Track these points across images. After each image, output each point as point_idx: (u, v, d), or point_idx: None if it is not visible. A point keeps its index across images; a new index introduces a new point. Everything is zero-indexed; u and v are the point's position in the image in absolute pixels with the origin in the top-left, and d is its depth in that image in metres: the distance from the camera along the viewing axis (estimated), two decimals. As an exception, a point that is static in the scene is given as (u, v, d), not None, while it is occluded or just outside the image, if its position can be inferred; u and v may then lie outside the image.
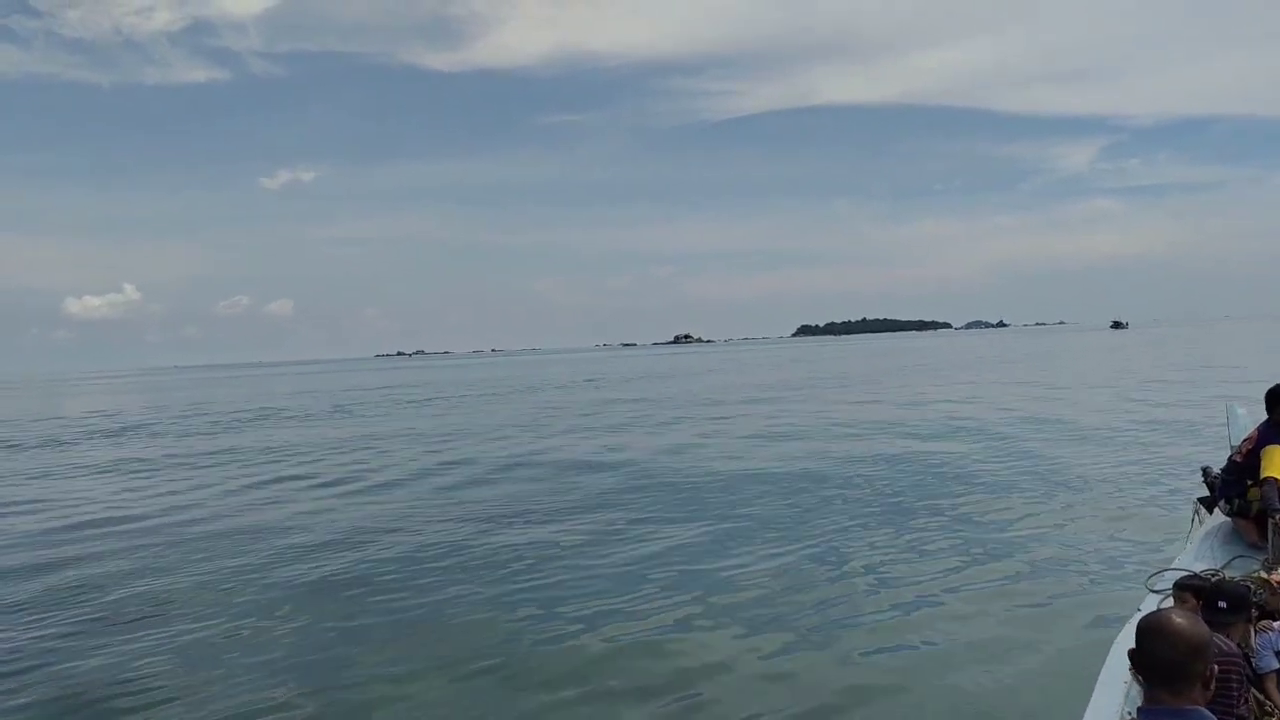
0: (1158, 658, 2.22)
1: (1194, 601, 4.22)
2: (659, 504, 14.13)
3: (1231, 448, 6.87)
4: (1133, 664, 2.34)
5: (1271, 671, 4.05)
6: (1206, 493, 7.05)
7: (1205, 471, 7.27)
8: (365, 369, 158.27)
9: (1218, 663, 2.45)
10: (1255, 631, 4.26)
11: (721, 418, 29.24)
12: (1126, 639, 3.05)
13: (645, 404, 37.67)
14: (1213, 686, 2.21)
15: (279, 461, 22.44)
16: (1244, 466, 6.18)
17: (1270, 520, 5.51)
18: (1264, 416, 6.32)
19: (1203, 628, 2.26)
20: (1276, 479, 5.72)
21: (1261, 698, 3.94)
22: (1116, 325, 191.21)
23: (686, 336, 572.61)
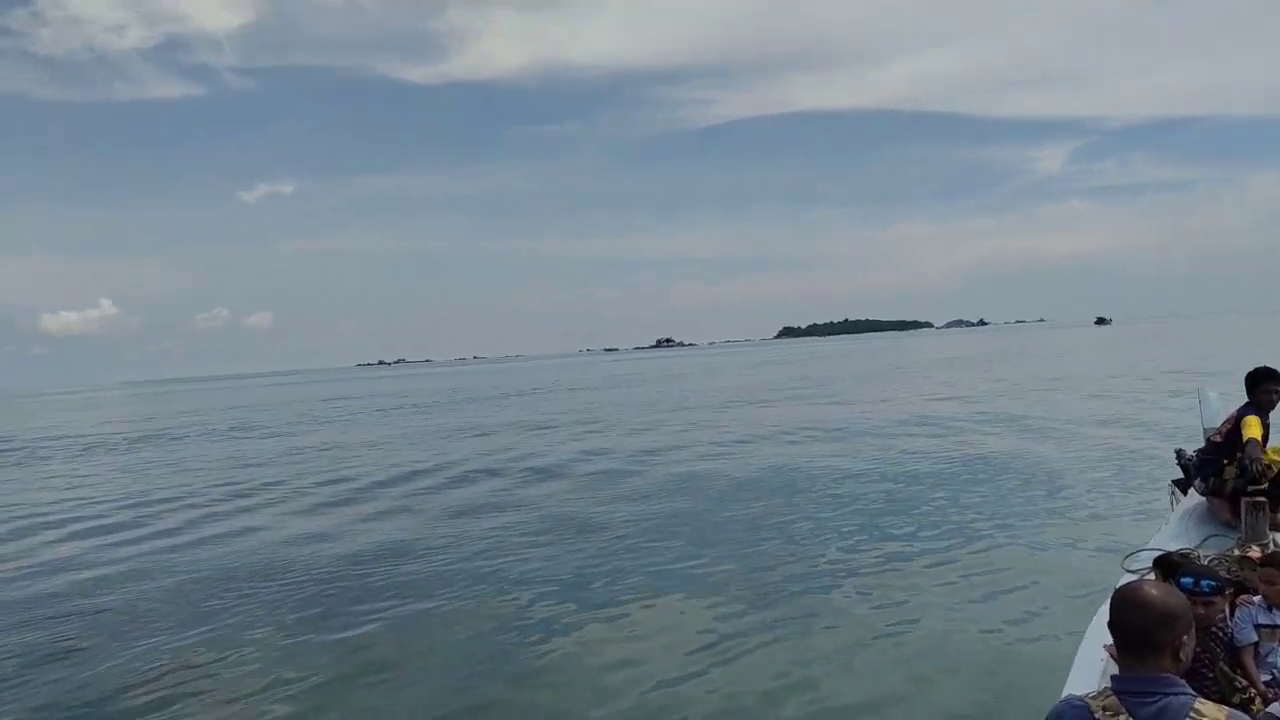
0: (1127, 625, 2.24)
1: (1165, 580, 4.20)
2: (632, 504, 14.06)
3: (1205, 430, 6.93)
4: (1111, 633, 2.36)
5: (1249, 645, 4.03)
6: (1181, 475, 7.09)
7: (1179, 454, 7.29)
8: (342, 379, 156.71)
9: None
10: (1234, 606, 4.26)
11: (690, 425, 29.11)
12: (1104, 615, 3.05)
13: (604, 408, 37.48)
14: (1183, 657, 2.18)
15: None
16: (1222, 445, 6.22)
17: (1243, 498, 5.53)
18: (1235, 401, 6.37)
19: (1175, 599, 2.24)
20: (1257, 439, 5.84)
21: (1230, 671, 3.93)
22: (1100, 321, 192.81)
23: (669, 340, 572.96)
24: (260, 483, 19.43)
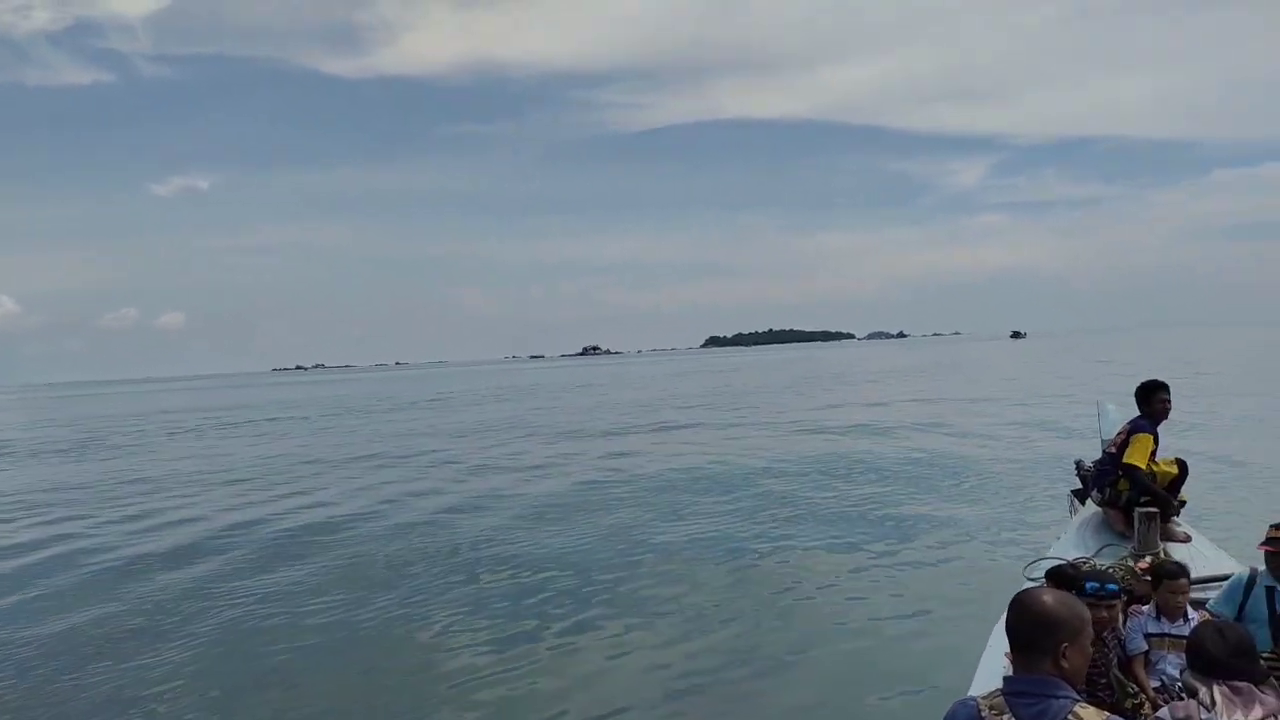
0: (1012, 629, 2.34)
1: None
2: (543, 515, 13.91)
3: (1103, 442, 7.18)
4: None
5: (1140, 653, 4.19)
6: (1080, 485, 7.34)
7: (1079, 465, 7.56)
8: (248, 386, 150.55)
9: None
10: (1125, 615, 4.42)
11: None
12: (1004, 621, 3.13)
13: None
14: (1065, 664, 2.24)
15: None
16: (1116, 457, 6.45)
17: (1136, 509, 5.76)
18: (1133, 412, 6.60)
19: (1063, 607, 2.29)
20: (1142, 466, 6.07)
21: (1123, 678, 4.08)
22: (1016, 335, 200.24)
23: (595, 348, 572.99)
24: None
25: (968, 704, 2.34)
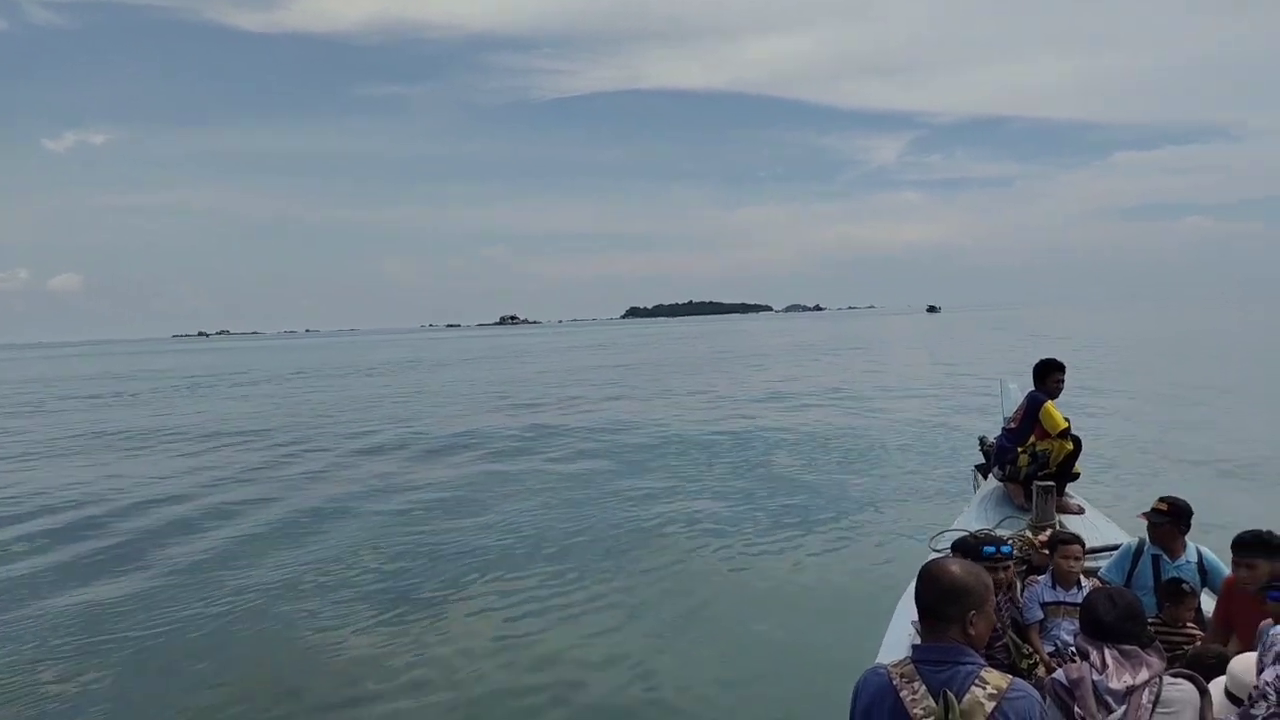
0: (921, 598, 2.42)
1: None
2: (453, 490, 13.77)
3: (1004, 419, 7.50)
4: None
5: (1036, 621, 4.42)
6: (983, 460, 7.66)
7: (982, 440, 7.90)
8: (135, 353, 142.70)
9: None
10: (1023, 585, 4.66)
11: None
12: (912, 592, 3.25)
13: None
14: (972, 631, 2.34)
15: None
16: (1015, 433, 6.75)
17: (1034, 483, 6.05)
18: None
19: (969, 577, 2.38)
20: (1067, 426, 6.50)
21: (1020, 642, 4.31)
22: (932, 309, 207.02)
23: (513, 318, 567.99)
24: None
25: (879, 672, 2.40)
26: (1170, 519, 4.47)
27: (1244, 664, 2.93)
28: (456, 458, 16.84)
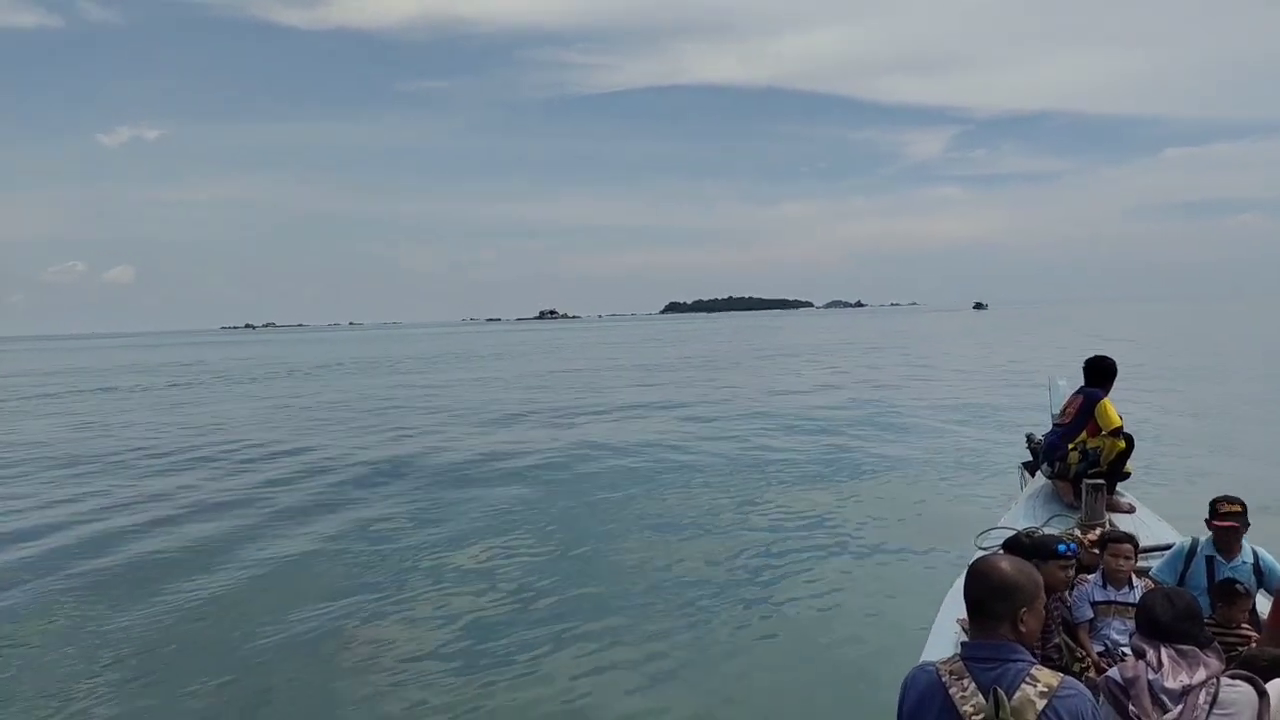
0: (968, 595, 2.42)
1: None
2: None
3: (1053, 416, 7.37)
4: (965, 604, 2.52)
5: (1085, 621, 4.35)
6: (1030, 458, 7.53)
7: (1029, 438, 7.75)
8: (187, 344, 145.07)
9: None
10: (1073, 585, 4.58)
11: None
12: (958, 589, 3.23)
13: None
14: (1023, 628, 2.32)
15: None
16: (1067, 429, 6.63)
17: (1084, 481, 5.94)
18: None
19: (1020, 574, 2.36)
20: (1121, 425, 6.34)
21: (1072, 644, 4.24)
22: (979, 306, 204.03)
23: (553, 312, 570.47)
24: None
25: (926, 669, 2.39)
26: (1244, 519, 4.41)
27: (1302, 667, 2.86)
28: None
